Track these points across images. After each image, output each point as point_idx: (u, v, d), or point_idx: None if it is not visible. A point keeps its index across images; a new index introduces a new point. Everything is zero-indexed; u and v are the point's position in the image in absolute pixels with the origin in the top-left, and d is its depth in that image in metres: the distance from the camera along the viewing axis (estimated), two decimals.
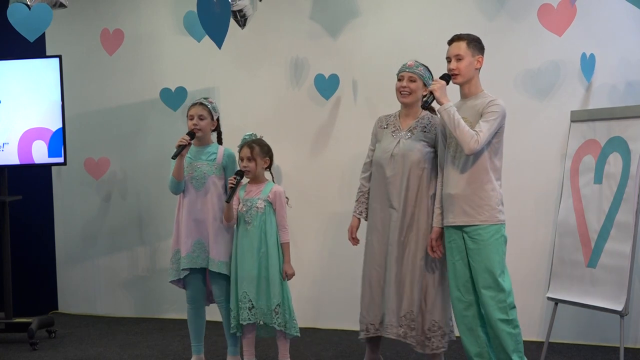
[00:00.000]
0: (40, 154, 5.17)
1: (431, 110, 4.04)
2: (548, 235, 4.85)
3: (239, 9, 4.86)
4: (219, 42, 4.42)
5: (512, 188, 4.60)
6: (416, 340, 3.93)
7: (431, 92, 3.69)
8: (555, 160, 4.88)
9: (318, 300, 5.37)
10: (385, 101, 4.73)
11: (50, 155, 5.17)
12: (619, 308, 3.97)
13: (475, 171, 3.69)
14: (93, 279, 6.04)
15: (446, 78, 3.74)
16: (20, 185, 5.66)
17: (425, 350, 3.96)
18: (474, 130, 3.60)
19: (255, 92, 5.58)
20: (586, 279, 4.19)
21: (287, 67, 5.51)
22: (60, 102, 5.15)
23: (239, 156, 4.13)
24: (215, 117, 4.26)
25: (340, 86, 5.29)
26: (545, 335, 4.46)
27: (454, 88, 3.81)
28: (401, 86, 4.00)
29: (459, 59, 3.72)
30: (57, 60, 5.17)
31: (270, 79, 5.55)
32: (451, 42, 3.78)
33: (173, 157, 4.08)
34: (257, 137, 4.19)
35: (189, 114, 4.22)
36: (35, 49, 5.53)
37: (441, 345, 3.95)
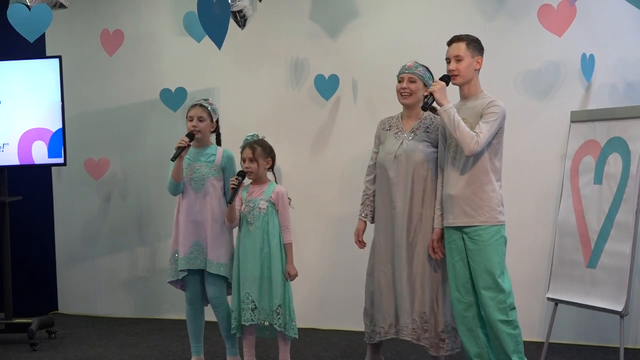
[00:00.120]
0: (40, 154, 5.17)
1: (432, 110, 4.03)
2: (548, 236, 4.84)
3: (238, 9, 4.86)
4: (219, 43, 4.42)
5: (512, 188, 4.60)
6: (430, 342, 3.90)
7: (431, 94, 3.69)
8: (555, 160, 4.88)
9: (318, 300, 5.37)
10: (385, 101, 4.74)
11: (50, 156, 5.17)
12: (619, 308, 3.97)
13: (476, 172, 3.69)
14: (93, 280, 6.04)
15: (446, 79, 3.74)
16: (20, 185, 5.66)
17: (440, 353, 3.92)
18: (474, 131, 3.61)
19: (255, 92, 5.58)
20: (586, 279, 4.19)
21: (287, 67, 5.51)
22: (60, 103, 5.15)
23: (241, 157, 4.11)
24: (214, 119, 4.26)
25: (340, 86, 5.29)
26: (545, 336, 4.46)
27: (454, 89, 3.81)
28: (401, 87, 4.00)
29: (458, 60, 3.72)
30: (57, 60, 5.17)
31: (270, 79, 5.55)
32: (450, 43, 3.78)
33: (172, 159, 4.08)
34: (260, 137, 4.17)
35: (188, 115, 4.22)
36: (35, 50, 5.53)
37: (455, 347, 3.94)
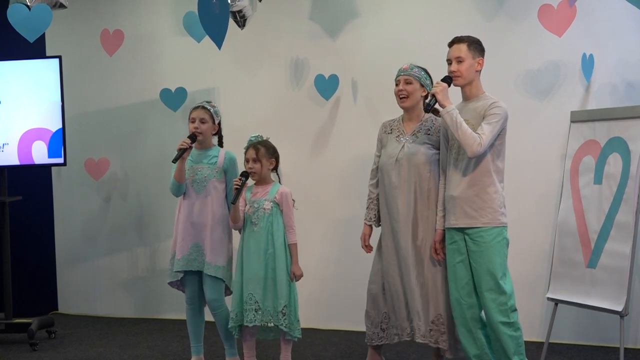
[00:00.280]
0: (40, 154, 5.17)
1: (435, 112, 4.01)
2: (548, 236, 4.84)
3: (238, 9, 4.86)
4: (219, 43, 4.42)
5: (512, 189, 4.58)
6: (448, 344, 3.88)
7: (433, 95, 3.68)
8: (555, 160, 4.88)
9: (318, 300, 5.37)
10: (385, 101, 4.74)
11: (50, 156, 5.17)
12: (619, 308, 3.96)
13: (478, 173, 3.68)
14: (93, 280, 6.04)
15: (447, 80, 3.73)
16: (20, 185, 5.66)
17: (459, 355, 3.91)
18: (477, 132, 3.60)
19: (255, 92, 5.58)
20: (586, 279, 4.19)
21: (287, 67, 5.51)
22: (60, 103, 5.15)
23: (245, 157, 4.10)
24: (216, 121, 4.26)
25: (340, 86, 5.29)
26: (545, 336, 4.46)
27: (456, 90, 3.80)
28: (398, 90, 3.99)
29: (459, 61, 3.71)
30: (57, 60, 5.17)
31: (270, 79, 5.55)
32: (451, 44, 3.77)
33: (174, 161, 4.08)
34: (264, 138, 4.16)
35: (190, 117, 4.22)
36: (35, 50, 5.54)
37: None
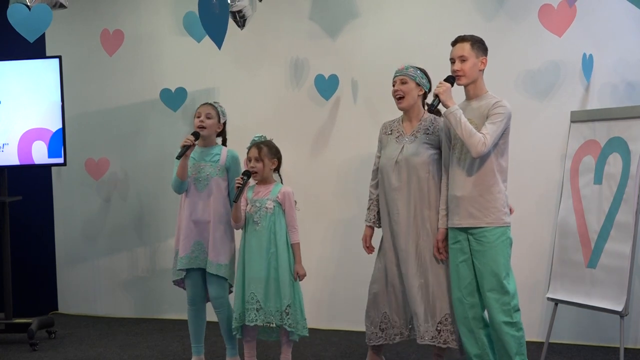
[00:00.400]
0: (40, 154, 5.17)
1: (436, 112, 4.01)
2: (548, 236, 4.84)
3: (238, 9, 4.86)
4: (219, 43, 4.42)
5: (512, 189, 4.53)
6: (458, 344, 3.87)
7: (437, 95, 3.66)
8: (555, 160, 4.88)
9: (318, 300, 5.36)
10: (385, 101, 4.73)
11: (50, 156, 5.17)
12: (619, 308, 3.96)
13: (482, 173, 3.67)
14: (93, 280, 6.04)
15: (450, 80, 3.71)
16: (20, 185, 5.66)
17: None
18: (481, 132, 3.59)
19: (255, 92, 5.58)
20: (586, 279, 4.19)
21: (287, 67, 5.51)
22: (60, 103, 5.15)
23: (247, 156, 4.11)
24: (222, 120, 4.27)
25: (340, 86, 5.29)
26: (545, 336, 4.46)
27: (459, 89, 3.79)
28: (394, 90, 4.00)
29: (463, 60, 3.69)
30: (57, 60, 5.17)
31: (270, 79, 5.55)
32: (455, 43, 3.76)
33: (177, 158, 4.09)
34: (267, 139, 4.17)
35: (196, 113, 4.24)
36: (35, 50, 5.54)
37: None
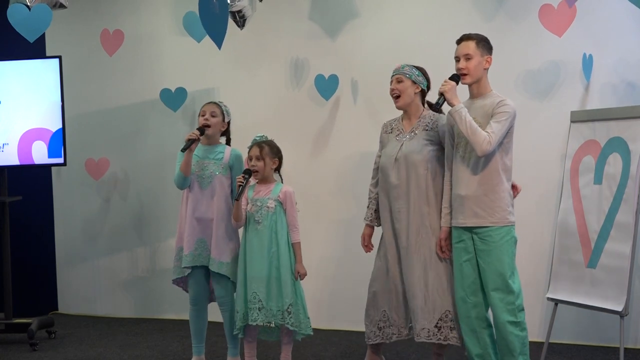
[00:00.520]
0: (40, 154, 5.17)
1: (438, 110, 4.00)
2: (548, 236, 4.84)
3: (237, 9, 4.86)
4: (219, 43, 4.42)
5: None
6: (458, 339, 3.86)
7: (442, 94, 3.66)
8: (555, 160, 4.88)
9: (318, 300, 5.35)
10: (385, 101, 4.72)
11: (50, 156, 5.17)
12: (619, 308, 3.96)
13: (487, 172, 3.65)
14: (93, 280, 6.04)
15: (455, 78, 3.70)
16: (20, 185, 5.66)
17: None
18: (486, 131, 3.58)
19: (255, 92, 5.58)
20: (586, 279, 4.19)
21: (287, 67, 5.51)
22: (60, 103, 5.15)
23: (248, 155, 4.12)
24: (226, 119, 4.29)
25: (339, 86, 5.29)
26: (545, 336, 4.46)
27: (463, 87, 3.77)
28: (390, 89, 4.02)
29: (467, 58, 3.68)
30: (57, 60, 5.17)
31: (270, 79, 5.55)
32: (460, 41, 3.74)
33: (182, 150, 4.10)
34: (268, 139, 4.18)
35: (201, 111, 4.25)
36: (35, 50, 5.54)
37: None
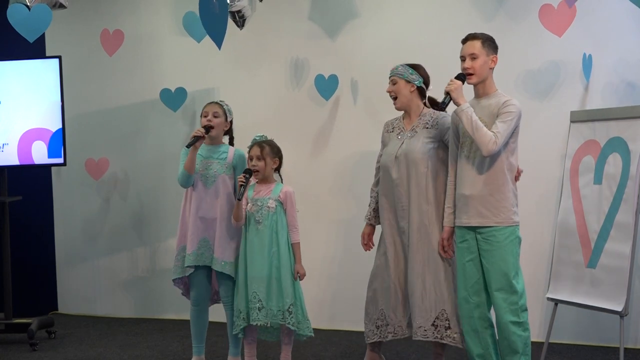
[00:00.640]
0: (40, 154, 5.17)
1: (437, 108, 4.01)
2: (548, 236, 4.84)
3: (237, 9, 4.86)
4: (219, 43, 4.42)
5: None
6: (453, 339, 3.86)
7: (448, 93, 3.65)
8: (555, 160, 4.87)
9: (318, 300, 5.35)
10: (384, 101, 4.71)
11: (50, 156, 5.17)
12: (619, 308, 3.96)
13: (493, 172, 3.65)
14: (93, 280, 6.04)
15: (461, 78, 3.68)
16: (20, 185, 5.66)
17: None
18: (491, 131, 3.57)
19: (255, 92, 5.58)
20: (586, 279, 4.19)
21: (287, 67, 5.51)
22: (60, 103, 5.15)
23: (249, 155, 4.12)
24: (229, 119, 4.29)
25: (339, 86, 5.28)
26: (545, 336, 4.46)
27: (467, 86, 3.76)
28: (387, 91, 4.05)
29: (473, 58, 3.66)
30: (57, 60, 5.17)
31: (270, 79, 5.55)
32: (465, 41, 3.72)
33: (187, 146, 4.11)
34: (268, 138, 4.18)
35: (203, 111, 4.25)
36: (35, 50, 5.54)
37: None
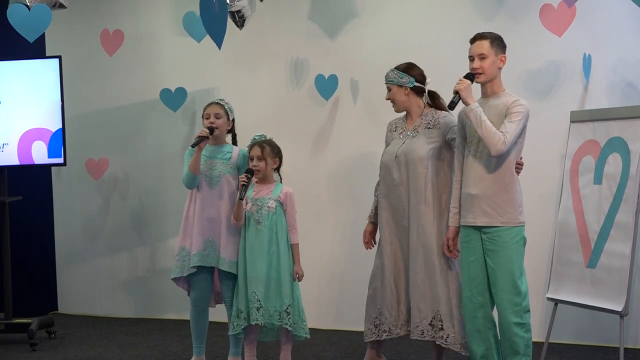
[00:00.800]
0: (40, 154, 5.17)
1: (438, 107, 4.01)
2: (548, 236, 4.84)
3: (237, 9, 4.86)
4: (218, 43, 4.42)
5: None
6: (445, 340, 3.83)
7: (457, 92, 3.63)
8: (555, 160, 4.87)
9: (318, 300, 5.35)
10: (384, 101, 4.71)
11: (50, 156, 5.17)
12: (619, 308, 3.96)
13: (501, 172, 3.63)
14: (93, 280, 6.04)
15: (470, 77, 3.66)
16: (20, 185, 5.65)
17: (468, 353, 3.85)
18: (500, 131, 3.56)
19: (255, 92, 5.58)
20: (586, 279, 4.19)
21: (286, 67, 5.51)
22: (60, 103, 5.15)
23: (249, 155, 4.11)
24: (230, 118, 4.28)
25: (339, 86, 5.28)
26: (545, 336, 4.46)
27: (475, 86, 3.73)
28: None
29: (482, 57, 3.63)
30: (57, 60, 5.17)
31: (270, 79, 5.55)
32: (473, 40, 3.69)
33: (192, 146, 4.11)
34: (267, 138, 4.18)
35: (205, 113, 4.24)
36: (35, 50, 5.53)
37: None
